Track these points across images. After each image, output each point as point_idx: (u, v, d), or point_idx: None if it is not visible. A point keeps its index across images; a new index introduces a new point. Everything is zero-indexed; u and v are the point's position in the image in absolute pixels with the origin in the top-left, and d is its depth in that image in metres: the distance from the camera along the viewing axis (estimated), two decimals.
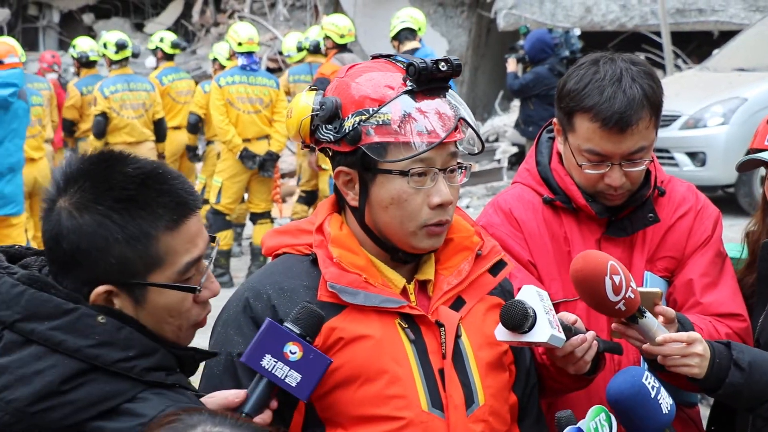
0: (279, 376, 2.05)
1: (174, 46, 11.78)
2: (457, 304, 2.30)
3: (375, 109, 2.18)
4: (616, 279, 2.31)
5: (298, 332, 2.08)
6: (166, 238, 1.86)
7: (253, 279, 2.32)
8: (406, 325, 2.23)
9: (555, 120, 2.81)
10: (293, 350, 2.06)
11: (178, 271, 1.89)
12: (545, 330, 2.24)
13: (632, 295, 2.34)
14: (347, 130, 2.19)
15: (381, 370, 2.19)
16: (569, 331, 2.32)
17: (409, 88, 2.19)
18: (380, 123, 2.17)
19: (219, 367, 2.21)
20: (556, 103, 2.78)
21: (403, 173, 2.18)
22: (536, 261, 2.77)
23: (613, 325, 2.50)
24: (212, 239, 2.00)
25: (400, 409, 2.17)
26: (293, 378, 2.05)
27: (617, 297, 2.32)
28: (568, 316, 2.38)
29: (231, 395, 2.06)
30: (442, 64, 2.19)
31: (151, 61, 11.62)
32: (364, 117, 2.18)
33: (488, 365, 2.28)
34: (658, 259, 2.81)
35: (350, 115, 2.20)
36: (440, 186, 2.22)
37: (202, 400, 2.07)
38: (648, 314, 2.41)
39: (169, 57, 11.86)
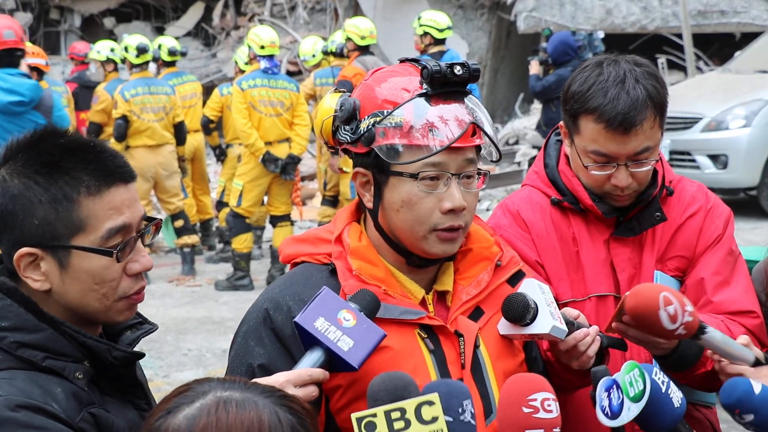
0: (332, 339, 2.02)
1: (171, 53, 11.73)
2: (476, 314, 2.30)
3: (389, 111, 2.18)
4: (671, 309, 2.32)
5: (353, 305, 2.08)
6: (88, 203, 1.91)
7: (273, 289, 2.29)
8: (426, 336, 2.23)
9: (561, 122, 2.83)
10: (347, 317, 2.04)
11: (101, 236, 1.92)
12: (547, 321, 2.26)
13: (690, 318, 2.35)
14: (362, 131, 2.20)
15: None
16: (572, 325, 2.34)
17: (424, 91, 2.18)
18: (393, 125, 2.17)
19: None
20: (561, 105, 2.80)
21: (414, 176, 2.18)
22: (544, 262, 2.79)
23: (614, 324, 2.50)
24: (149, 219, 2.03)
25: None
26: (345, 342, 2.03)
27: (674, 325, 2.34)
28: (571, 311, 2.40)
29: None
30: (458, 68, 2.17)
31: (151, 67, 11.53)
32: (378, 119, 2.18)
33: (506, 375, 2.26)
34: (669, 258, 2.82)
35: (366, 117, 2.21)
36: (453, 191, 2.20)
37: None
38: (709, 328, 2.41)
39: (169, 63, 11.81)
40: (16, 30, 7.92)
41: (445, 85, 2.18)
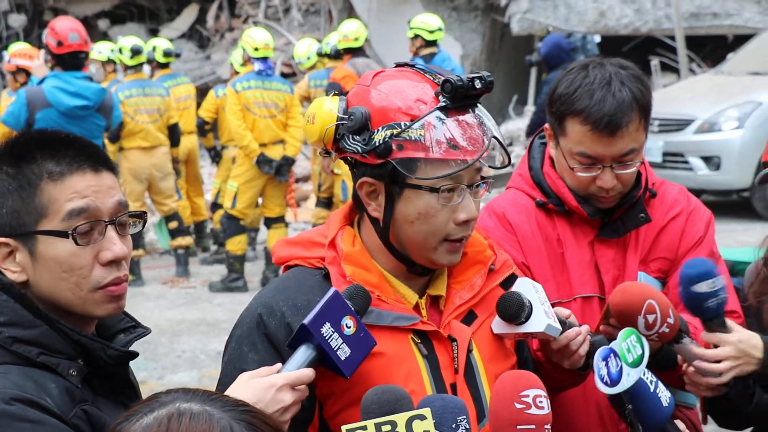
0: (333, 346, 2.04)
1: (166, 54, 11.75)
2: (469, 318, 2.30)
3: (407, 123, 2.15)
4: (650, 318, 2.39)
5: (353, 308, 2.09)
6: (49, 189, 1.93)
7: (266, 294, 2.28)
8: (419, 341, 2.23)
9: (546, 125, 2.86)
10: (349, 324, 2.06)
11: (61, 219, 1.93)
12: (542, 320, 2.28)
13: (667, 330, 2.42)
14: (377, 144, 2.16)
15: None
16: (564, 324, 2.36)
17: (443, 104, 2.16)
18: (412, 138, 2.14)
19: None
20: (547, 108, 2.84)
21: (433, 189, 2.17)
22: (530, 263, 2.82)
23: (601, 327, 2.55)
24: (137, 216, 2.03)
25: None
26: (344, 351, 2.05)
27: (649, 332, 2.42)
28: (562, 311, 2.42)
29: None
30: (477, 81, 2.17)
31: (146, 69, 11.54)
32: (395, 131, 2.15)
33: None
34: (652, 260, 2.86)
35: (380, 128, 2.16)
36: (467, 202, 2.21)
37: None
38: (684, 339, 2.49)
39: (163, 65, 11.83)
40: (81, 32, 7.86)
41: (464, 99, 2.17)
